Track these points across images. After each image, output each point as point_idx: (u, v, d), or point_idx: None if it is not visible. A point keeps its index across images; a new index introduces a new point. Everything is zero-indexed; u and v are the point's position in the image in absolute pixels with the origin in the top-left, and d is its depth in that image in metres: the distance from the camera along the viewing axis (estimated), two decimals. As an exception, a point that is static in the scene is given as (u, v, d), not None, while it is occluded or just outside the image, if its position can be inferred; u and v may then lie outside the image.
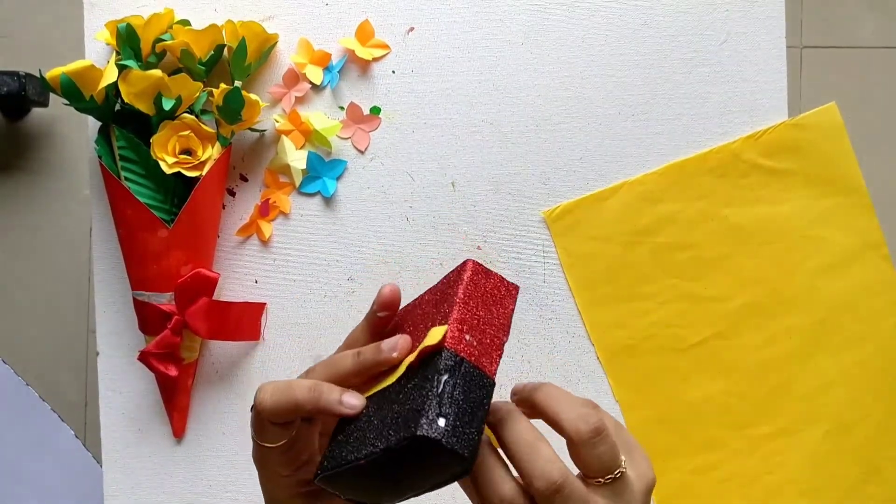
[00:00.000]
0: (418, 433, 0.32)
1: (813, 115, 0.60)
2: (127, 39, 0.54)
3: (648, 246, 0.60)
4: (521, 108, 0.60)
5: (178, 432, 0.60)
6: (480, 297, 0.37)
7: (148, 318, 0.57)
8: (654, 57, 0.60)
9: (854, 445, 0.60)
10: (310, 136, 0.60)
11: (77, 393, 1.32)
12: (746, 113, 0.60)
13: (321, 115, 0.60)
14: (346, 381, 0.38)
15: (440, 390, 0.33)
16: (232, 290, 0.60)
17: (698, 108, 0.60)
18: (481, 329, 0.36)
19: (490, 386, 0.35)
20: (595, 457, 0.35)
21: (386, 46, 0.60)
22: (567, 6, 0.60)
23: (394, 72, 0.60)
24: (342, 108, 0.60)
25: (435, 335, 0.35)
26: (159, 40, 0.56)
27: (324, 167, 0.60)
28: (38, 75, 0.60)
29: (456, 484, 0.36)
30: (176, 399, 0.59)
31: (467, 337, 0.35)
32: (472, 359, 0.35)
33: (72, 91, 0.53)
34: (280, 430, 0.38)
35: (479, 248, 0.60)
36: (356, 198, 0.60)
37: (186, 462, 0.60)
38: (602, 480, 0.35)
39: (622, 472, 0.35)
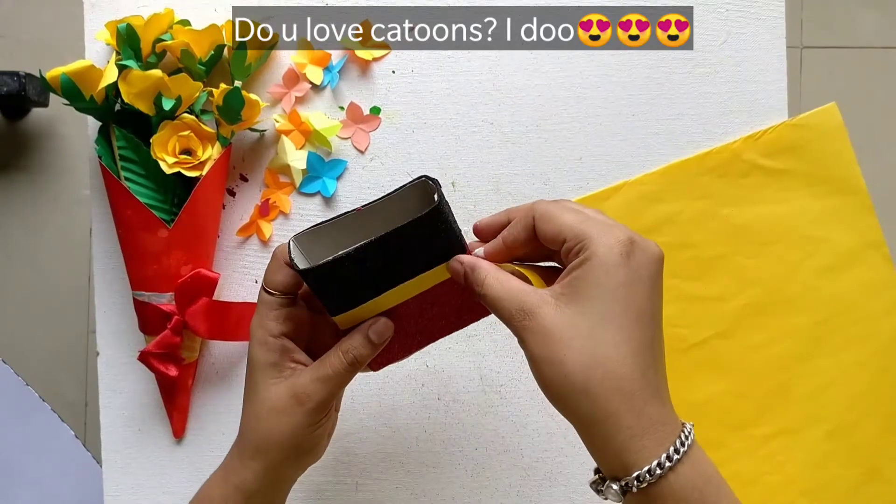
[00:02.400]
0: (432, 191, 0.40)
1: (813, 116, 0.60)
2: (127, 39, 0.54)
3: (649, 246, 0.60)
4: (521, 108, 0.60)
5: (178, 432, 0.60)
6: None
7: (148, 318, 0.57)
8: (654, 57, 0.60)
9: (855, 445, 0.60)
10: (310, 136, 0.60)
11: (77, 393, 1.32)
12: (746, 113, 0.60)
13: (321, 115, 0.60)
14: None
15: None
16: (232, 290, 0.60)
17: (698, 108, 0.60)
18: None
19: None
20: None
21: (386, 46, 0.60)
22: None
23: (394, 72, 0.60)
24: (342, 108, 0.60)
25: None
26: (159, 40, 0.56)
27: (324, 167, 0.60)
28: (38, 75, 0.60)
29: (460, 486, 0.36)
30: (176, 399, 0.59)
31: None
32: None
33: (72, 91, 0.53)
34: (287, 280, 0.44)
35: (479, 248, 0.60)
36: (356, 198, 0.60)
37: (186, 462, 0.60)
38: None
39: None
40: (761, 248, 0.60)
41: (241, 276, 0.60)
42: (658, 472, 0.35)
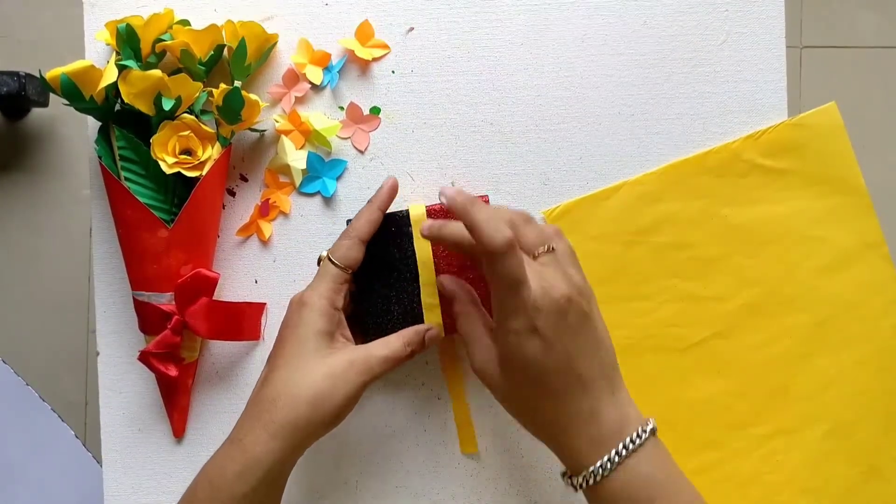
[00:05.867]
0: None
1: (813, 115, 0.60)
2: (127, 40, 0.54)
3: (648, 246, 0.60)
4: (521, 108, 0.60)
5: (179, 432, 0.60)
6: None
7: (148, 318, 0.57)
8: (654, 57, 0.60)
9: (854, 445, 0.60)
10: (309, 136, 0.60)
11: (77, 393, 1.32)
12: (746, 113, 0.60)
13: (321, 115, 0.60)
14: None
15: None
16: (232, 289, 0.60)
17: (698, 108, 0.60)
18: None
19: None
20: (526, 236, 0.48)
21: (386, 46, 0.60)
22: (567, 6, 0.60)
23: (394, 72, 0.60)
24: (342, 108, 0.60)
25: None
26: (159, 40, 0.56)
27: (324, 167, 0.60)
28: (38, 75, 0.60)
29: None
30: (176, 399, 0.59)
31: None
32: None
33: (72, 91, 0.53)
34: (359, 257, 0.51)
35: (478, 247, 0.60)
36: (356, 198, 0.60)
37: (186, 462, 0.60)
38: (539, 252, 0.48)
39: (552, 247, 0.48)
40: (760, 248, 0.60)
41: (241, 276, 0.60)
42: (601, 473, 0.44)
